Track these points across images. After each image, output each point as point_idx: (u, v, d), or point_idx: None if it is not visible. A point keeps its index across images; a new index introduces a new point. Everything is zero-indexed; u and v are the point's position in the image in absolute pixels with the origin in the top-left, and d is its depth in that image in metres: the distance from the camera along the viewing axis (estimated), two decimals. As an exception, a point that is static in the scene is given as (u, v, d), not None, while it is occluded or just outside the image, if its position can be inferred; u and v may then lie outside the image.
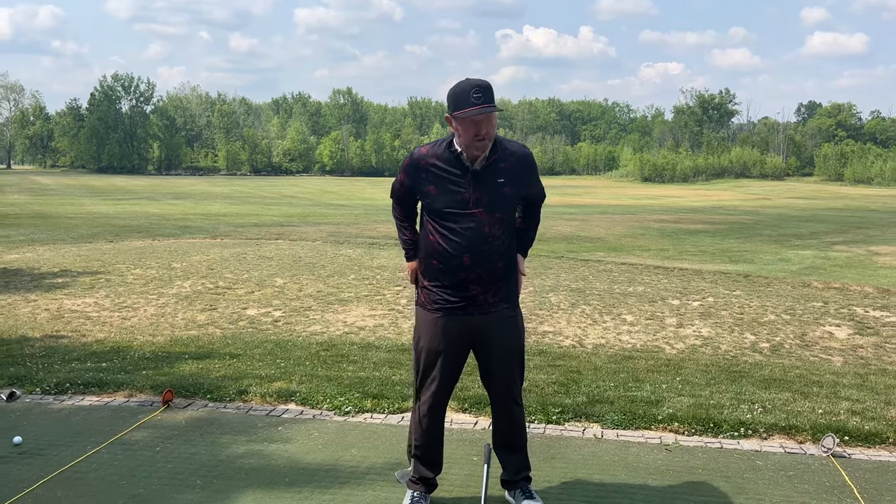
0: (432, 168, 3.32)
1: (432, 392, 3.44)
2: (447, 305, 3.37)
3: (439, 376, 3.42)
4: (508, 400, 3.50)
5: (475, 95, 3.15)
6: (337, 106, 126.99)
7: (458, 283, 3.33)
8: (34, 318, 7.92)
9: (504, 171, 3.32)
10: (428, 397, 3.45)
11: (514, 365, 3.50)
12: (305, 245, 15.48)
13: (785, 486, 3.86)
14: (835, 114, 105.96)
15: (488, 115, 3.18)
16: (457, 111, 3.19)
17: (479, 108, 3.15)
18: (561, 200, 41.92)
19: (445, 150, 3.33)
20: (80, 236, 17.27)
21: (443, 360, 3.40)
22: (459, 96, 3.18)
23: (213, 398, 5.17)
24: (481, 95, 3.15)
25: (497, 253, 3.33)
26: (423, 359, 3.45)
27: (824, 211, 35.91)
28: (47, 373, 5.69)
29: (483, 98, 3.15)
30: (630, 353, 6.71)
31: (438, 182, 3.30)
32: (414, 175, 3.38)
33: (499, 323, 3.40)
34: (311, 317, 8.14)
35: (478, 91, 3.15)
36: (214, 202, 35.50)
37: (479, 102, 3.15)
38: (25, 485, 3.75)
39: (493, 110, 3.18)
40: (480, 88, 3.16)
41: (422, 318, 3.48)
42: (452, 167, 3.29)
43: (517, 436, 3.58)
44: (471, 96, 3.15)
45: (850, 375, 6.01)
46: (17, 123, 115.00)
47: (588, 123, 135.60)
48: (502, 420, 3.54)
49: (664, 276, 11.84)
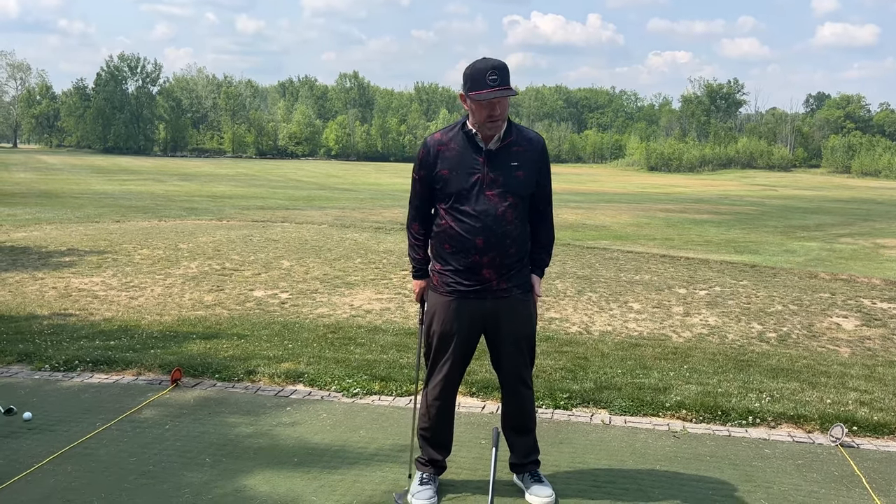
0: (447, 152, 3.31)
1: (444, 375, 3.44)
2: (460, 289, 3.36)
3: (451, 359, 3.41)
4: (518, 384, 3.50)
5: (491, 78, 3.13)
6: (343, 90, 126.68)
7: (471, 266, 3.32)
8: (42, 295, 7.93)
9: (518, 154, 3.31)
10: (439, 380, 3.45)
11: (524, 349, 3.49)
12: (311, 228, 15.47)
13: (793, 475, 3.87)
14: (843, 105, 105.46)
15: (502, 98, 3.17)
16: (472, 92, 3.18)
17: (494, 91, 3.14)
18: (567, 188, 41.82)
19: (459, 131, 3.32)
20: (86, 216, 17.29)
21: (455, 344, 3.40)
22: (475, 77, 3.16)
23: (221, 378, 5.19)
24: (497, 77, 3.14)
25: (510, 238, 3.32)
26: (435, 342, 3.44)
27: (830, 203, 35.79)
28: (56, 350, 5.71)
29: (499, 80, 3.14)
30: (637, 340, 6.71)
31: (453, 164, 3.30)
32: (430, 164, 3.34)
33: (511, 308, 3.40)
34: (317, 299, 8.14)
35: (493, 73, 3.14)
36: (220, 184, 35.49)
37: (494, 85, 3.14)
38: (36, 460, 3.77)
39: (509, 94, 3.17)
40: (497, 70, 3.14)
41: (433, 300, 3.47)
42: (467, 149, 3.29)
43: (526, 419, 3.58)
44: (487, 78, 3.14)
45: (857, 366, 6.00)
46: (23, 103, 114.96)
47: (595, 111, 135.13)
48: (512, 404, 3.55)
49: (671, 264, 11.82)
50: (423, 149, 3.39)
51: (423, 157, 3.37)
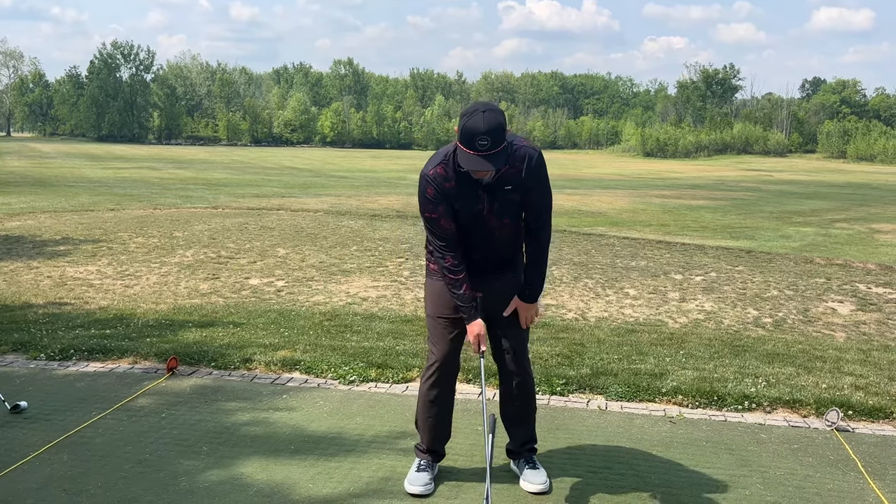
0: (451, 189, 3.20)
1: (439, 360, 3.43)
2: None
3: (443, 342, 3.42)
4: (516, 370, 3.48)
5: (481, 143, 2.97)
6: (338, 77, 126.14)
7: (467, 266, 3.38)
8: (37, 284, 7.91)
9: (511, 177, 3.20)
10: (436, 365, 3.44)
11: (521, 336, 3.48)
12: (307, 216, 15.44)
13: (789, 459, 3.88)
14: (839, 90, 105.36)
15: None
16: (461, 146, 3.04)
17: (479, 160, 2.99)
18: (563, 174, 41.78)
19: (454, 168, 3.18)
20: (81, 204, 17.22)
21: (446, 325, 3.41)
22: (466, 135, 3.00)
23: (217, 366, 5.18)
24: (487, 143, 2.97)
25: (505, 242, 3.37)
26: (431, 326, 3.46)
27: (826, 188, 35.81)
28: (51, 339, 5.70)
29: (489, 145, 2.97)
30: (633, 326, 6.71)
31: (458, 200, 3.23)
32: (442, 197, 3.22)
33: (503, 291, 3.40)
34: (313, 287, 8.13)
35: (484, 139, 2.96)
36: (215, 172, 35.36)
37: (482, 150, 2.98)
38: (32, 449, 3.76)
39: (492, 168, 3.01)
40: (489, 136, 2.96)
41: (430, 287, 3.50)
42: (467, 184, 3.19)
43: (524, 408, 3.57)
44: (477, 142, 2.97)
45: (853, 351, 6.01)
46: (16, 91, 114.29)
47: (591, 97, 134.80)
48: (509, 391, 3.54)
49: (666, 250, 11.82)
50: (430, 187, 3.21)
51: (435, 195, 3.21)
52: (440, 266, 3.33)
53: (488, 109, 3.03)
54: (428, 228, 3.32)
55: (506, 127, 3.04)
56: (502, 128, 3.01)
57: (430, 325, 3.50)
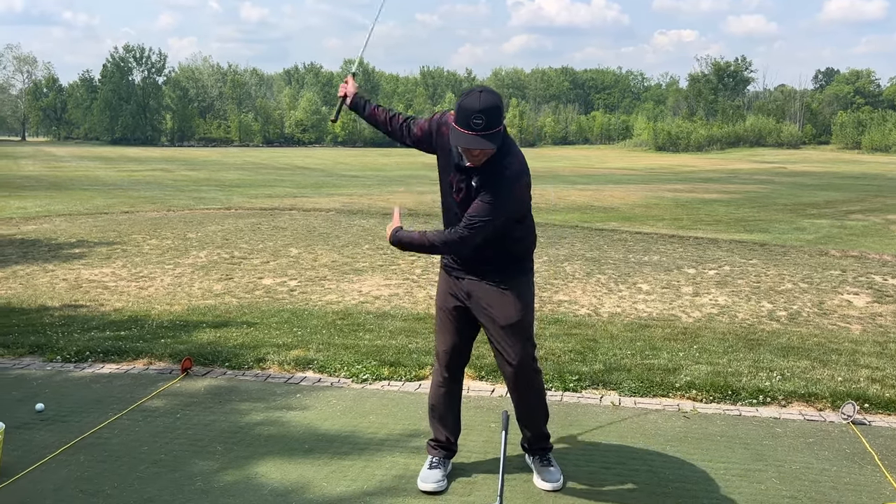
0: (445, 139, 3.25)
1: (441, 351, 3.49)
2: (447, 263, 3.49)
3: (441, 335, 3.47)
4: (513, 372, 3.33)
5: (475, 121, 2.96)
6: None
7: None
8: (53, 287, 7.98)
9: (480, 176, 3.14)
10: (440, 357, 3.49)
11: (513, 337, 3.30)
12: (319, 215, 15.48)
13: (805, 453, 3.86)
14: (853, 80, 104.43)
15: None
16: (455, 122, 3.05)
17: (473, 137, 2.98)
18: (574, 170, 41.67)
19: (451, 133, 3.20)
20: (95, 207, 17.35)
21: (442, 318, 3.46)
22: (461, 113, 3.00)
23: (231, 366, 5.21)
24: (481, 122, 2.95)
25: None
26: (437, 318, 3.55)
27: (841, 179, 35.52)
28: (67, 341, 5.74)
29: (483, 125, 2.96)
30: (646, 321, 6.69)
31: (443, 153, 3.29)
32: (436, 133, 3.31)
33: (488, 292, 3.32)
34: (326, 286, 8.15)
35: (479, 118, 2.95)
36: (227, 172, 35.51)
37: (476, 129, 2.96)
38: (49, 450, 3.80)
39: (484, 146, 2.99)
40: (483, 114, 2.95)
41: (439, 281, 3.59)
42: (453, 153, 3.24)
43: (525, 412, 3.47)
44: (471, 120, 2.97)
45: (869, 343, 5.97)
46: (30, 95, 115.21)
47: (602, 92, 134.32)
48: (511, 394, 3.47)
49: (679, 245, 11.77)
50: (437, 114, 3.37)
51: (434, 121, 3.35)
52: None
53: (485, 90, 3.05)
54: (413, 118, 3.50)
55: (503, 111, 3.04)
56: (498, 109, 3.00)
57: (436, 316, 3.54)
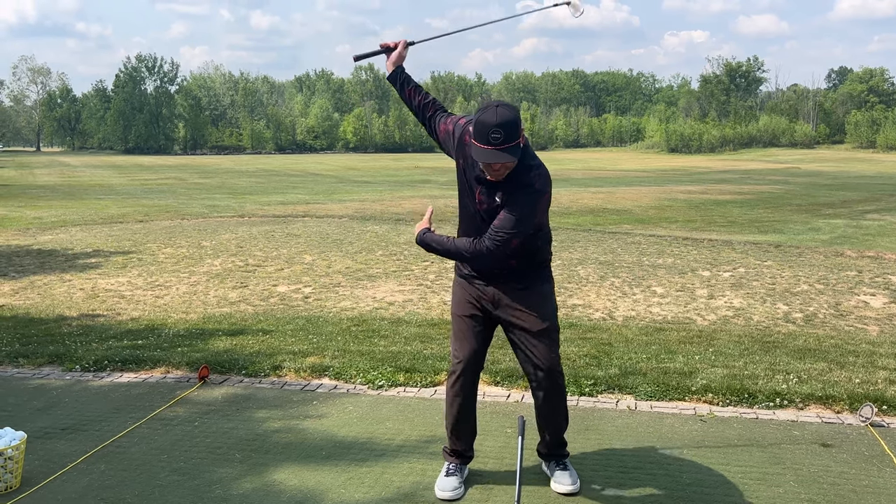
0: (466, 147, 3.26)
1: (461, 359, 3.42)
2: (467, 273, 3.46)
3: (461, 342, 3.43)
4: (544, 376, 3.39)
5: (493, 136, 2.97)
6: (359, 82, 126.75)
7: None
8: (70, 297, 8.05)
9: (504, 190, 3.15)
10: (460, 364, 3.44)
11: (545, 341, 3.37)
12: (332, 222, 15.54)
13: (823, 456, 3.84)
14: (866, 79, 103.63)
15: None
16: (474, 140, 3.05)
17: (493, 152, 2.99)
18: (587, 173, 41.58)
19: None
20: (110, 216, 17.49)
21: (462, 326, 3.43)
22: (479, 129, 3.00)
23: (248, 374, 5.24)
24: (500, 136, 2.96)
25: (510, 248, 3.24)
26: (454, 325, 3.50)
27: (856, 179, 35.27)
28: (86, 350, 5.80)
29: (502, 139, 2.96)
30: (661, 324, 6.67)
31: (465, 162, 3.28)
32: (458, 139, 3.31)
33: (518, 298, 3.34)
34: (340, 293, 8.19)
35: (497, 132, 2.96)
36: (240, 180, 35.70)
37: (495, 143, 2.97)
38: (70, 459, 3.84)
39: (506, 160, 3.00)
40: (502, 128, 2.96)
41: (454, 286, 3.57)
42: (474, 163, 3.22)
43: (550, 416, 3.49)
44: (490, 134, 2.97)
45: (886, 345, 5.93)
46: (44, 106, 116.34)
47: (613, 94, 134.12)
48: (537, 399, 3.49)
49: (693, 247, 11.73)
50: (463, 119, 3.34)
51: (459, 125, 3.34)
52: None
53: (501, 105, 3.06)
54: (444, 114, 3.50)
55: (520, 124, 3.04)
56: (515, 123, 3.01)
57: (454, 324, 3.52)
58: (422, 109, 3.53)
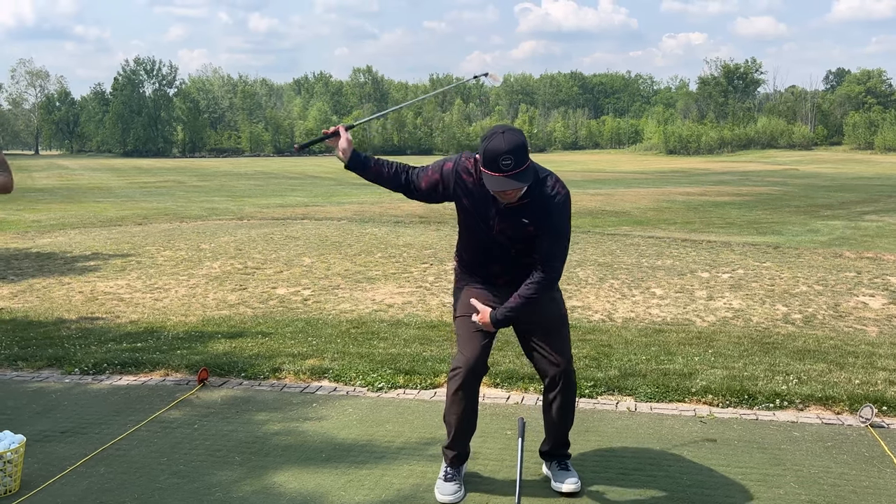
0: (470, 185, 3.25)
1: (469, 361, 3.39)
2: (480, 276, 3.48)
3: (471, 344, 3.40)
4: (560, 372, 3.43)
5: (504, 162, 2.97)
6: (358, 85, 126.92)
7: (489, 278, 3.45)
8: (69, 300, 8.04)
9: (532, 210, 3.18)
10: (464, 367, 3.42)
11: (560, 340, 3.43)
12: (331, 224, 15.54)
13: (823, 457, 3.84)
14: (864, 80, 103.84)
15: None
16: (484, 169, 3.05)
17: (504, 179, 3.00)
18: (586, 175, 41.61)
19: (479, 173, 3.20)
20: (108, 219, 17.48)
21: (466, 325, 3.41)
22: (489, 156, 3.00)
23: (247, 376, 5.24)
24: (511, 162, 2.97)
25: (520, 262, 3.31)
26: (459, 328, 3.47)
27: (854, 180, 35.31)
28: (85, 353, 5.79)
29: (513, 164, 2.98)
30: (661, 326, 6.67)
31: (471, 200, 3.27)
32: (450, 180, 3.29)
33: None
34: (339, 295, 8.18)
35: (508, 158, 2.97)
36: (239, 182, 35.70)
37: (507, 170, 2.98)
38: (69, 462, 3.83)
39: (518, 185, 3.02)
40: (512, 154, 2.97)
41: (457, 291, 3.56)
42: (485, 196, 3.22)
43: (559, 415, 3.51)
44: (500, 161, 2.98)
45: (886, 345, 5.93)
46: (43, 109, 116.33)
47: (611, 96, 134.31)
48: (549, 397, 3.50)
49: (692, 248, 11.74)
50: (451, 163, 3.30)
51: (446, 171, 3.29)
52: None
53: (507, 130, 3.05)
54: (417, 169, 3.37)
55: (527, 147, 3.05)
56: (524, 147, 3.02)
57: (459, 327, 3.49)
58: (395, 177, 3.37)
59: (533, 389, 4.84)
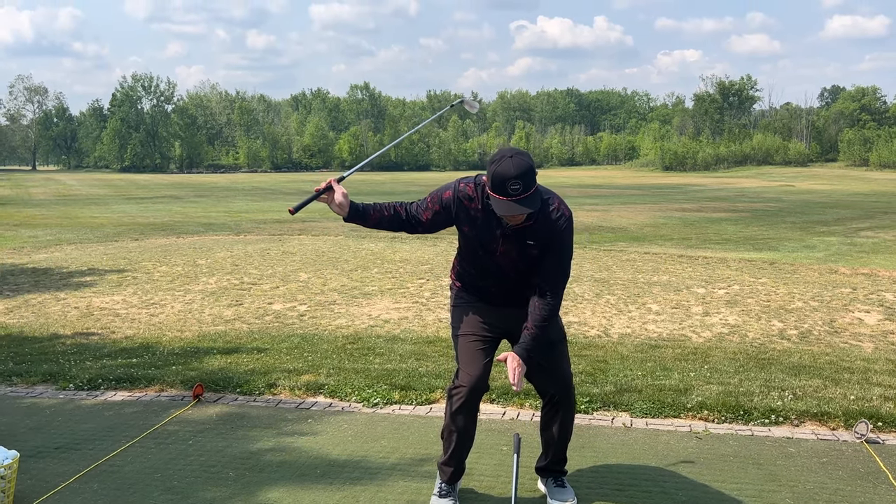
0: (472, 211, 3.26)
1: (472, 379, 3.37)
2: (482, 295, 3.48)
3: (474, 363, 3.38)
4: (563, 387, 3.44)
5: (513, 187, 2.97)
6: (355, 101, 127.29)
7: (487, 297, 3.46)
8: (64, 315, 8.03)
9: (537, 233, 3.20)
10: (466, 387, 3.40)
11: (561, 357, 3.46)
12: (328, 240, 15.55)
13: (818, 473, 3.83)
14: (859, 98, 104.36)
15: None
16: (493, 191, 3.05)
17: (513, 204, 2.99)
18: (582, 191, 41.71)
19: (483, 197, 3.21)
20: (105, 235, 17.47)
21: (476, 346, 3.39)
22: (497, 181, 3.00)
23: (242, 392, 5.22)
24: (519, 187, 2.97)
25: (523, 284, 3.33)
26: (461, 346, 3.45)
27: (850, 196, 35.43)
28: (80, 369, 5.78)
29: (521, 189, 2.97)
30: (656, 342, 6.68)
31: (473, 227, 3.27)
32: (450, 208, 3.29)
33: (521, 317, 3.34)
34: (336, 310, 8.18)
35: (516, 183, 2.96)
36: (236, 199, 35.73)
37: (515, 195, 2.98)
38: (62, 479, 3.81)
39: (527, 211, 3.00)
40: (520, 179, 2.96)
41: (458, 306, 3.55)
42: (488, 220, 3.22)
43: (559, 430, 3.50)
44: (508, 186, 2.97)
45: (881, 361, 5.94)
46: (40, 125, 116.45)
47: (607, 113, 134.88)
48: (549, 413, 3.50)
49: (688, 264, 11.76)
50: (449, 191, 3.28)
51: (446, 200, 3.27)
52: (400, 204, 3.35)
53: (515, 154, 3.05)
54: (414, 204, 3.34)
55: (535, 171, 3.05)
56: (532, 171, 3.02)
57: (461, 345, 3.45)
58: (395, 218, 3.35)
59: (529, 405, 4.84)
